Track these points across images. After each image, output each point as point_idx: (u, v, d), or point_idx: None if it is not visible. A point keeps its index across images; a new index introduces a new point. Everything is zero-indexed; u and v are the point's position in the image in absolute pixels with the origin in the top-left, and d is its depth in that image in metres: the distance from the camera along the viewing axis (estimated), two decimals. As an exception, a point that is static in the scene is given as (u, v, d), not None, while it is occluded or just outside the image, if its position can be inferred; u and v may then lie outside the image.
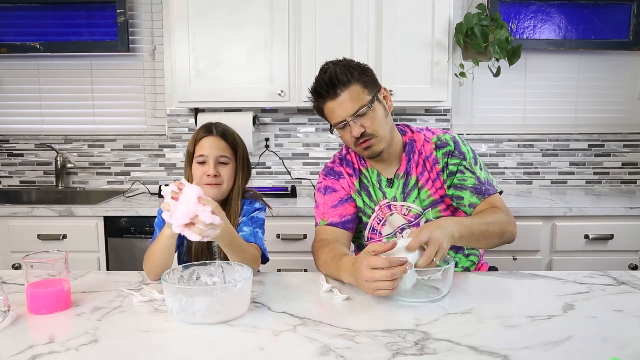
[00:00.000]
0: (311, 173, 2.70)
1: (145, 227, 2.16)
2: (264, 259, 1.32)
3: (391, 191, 1.41)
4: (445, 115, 2.68)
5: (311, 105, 1.38)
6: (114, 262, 2.19)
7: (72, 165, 2.72)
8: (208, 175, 1.33)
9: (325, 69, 1.32)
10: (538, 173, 2.73)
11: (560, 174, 2.74)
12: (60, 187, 2.67)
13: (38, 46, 2.62)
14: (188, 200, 1.01)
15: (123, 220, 2.17)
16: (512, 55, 2.30)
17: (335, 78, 1.28)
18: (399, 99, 2.25)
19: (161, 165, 2.73)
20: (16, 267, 2.14)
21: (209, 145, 1.35)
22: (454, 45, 2.30)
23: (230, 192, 1.38)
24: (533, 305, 1.04)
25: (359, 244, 1.52)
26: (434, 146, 1.40)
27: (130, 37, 2.62)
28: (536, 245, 2.14)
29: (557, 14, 2.64)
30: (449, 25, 2.27)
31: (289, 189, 2.44)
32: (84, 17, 2.66)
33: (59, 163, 2.66)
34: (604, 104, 2.71)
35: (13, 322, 0.96)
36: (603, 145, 2.73)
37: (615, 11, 2.64)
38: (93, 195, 2.56)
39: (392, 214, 1.41)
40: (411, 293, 1.06)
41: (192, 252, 1.36)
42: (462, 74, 2.36)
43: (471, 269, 1.45)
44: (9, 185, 2.76)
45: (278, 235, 2.14)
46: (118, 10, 2.57)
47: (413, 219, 1.40)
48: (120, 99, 2.72)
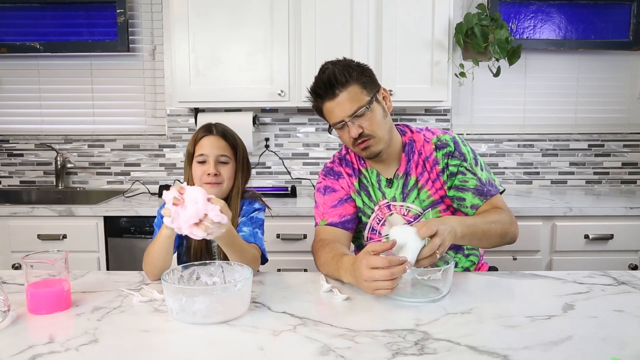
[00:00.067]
0: (311, 173, 2.70)
1: (145, 227, 2.16)
2: (264, 260, 1.32)
3: (390, 191, 1.41)
4: (445, 115, 2.68)
5: (311, 105, 1.39)
6: (114, 262, 2.19)
7: (72, 165, 2.72)
8: (208, 174, 1.33)
9: (324, 69, 1.32)
10: (538, 173, 2.73)
11: (560, 174, 2.74)
12: (60, 187, 2.68)
13: (38, 46, 2.62)
14: (195, 201, 1.01)
15: (123, 220, 2.17)
16: (512, 55, 2.30)
17: (333, 78, 1.28)
18: (399, 99, 2.25)
19: (161, 165, 2.73)
20: (16, 267, 2.15)
21: (209, 145, 1.36)
22: (454, 45, 2.30)
23: (230, 192, 1.38)
24: (533, 305, 1.04)
25: (358, 244, 1.53)
26: (433, 147, 1.40)
27: (130, 37, 2.62)
28: (536, 245, 2.14)
29: (557, 14, 2.64)
30: (449, 25, 2.27)
31: (289, 189, 2.44)
32: (84, 17, 2.66)
33: (59, 163, 2.66)
34: (604, 104, 2.71)
35: (13, 322, 0.96)
36: (603, 145, 2.73)
37: (615, 11, 2.64)
38: (93, 195, 2.56)
39: (392, 214, 1.41)
40: (411, 293, 1.06)
41: (192, 252, 1.35)
42: (462, 74, 2.36)
43: (471, 269, 1.45)
44: (9, 185, 2.76)
45: (278, 235, 2.14)
46: (118, 10, 2.57)
47: (412, 219, 1.40)
48: (120, 99, 2.72)
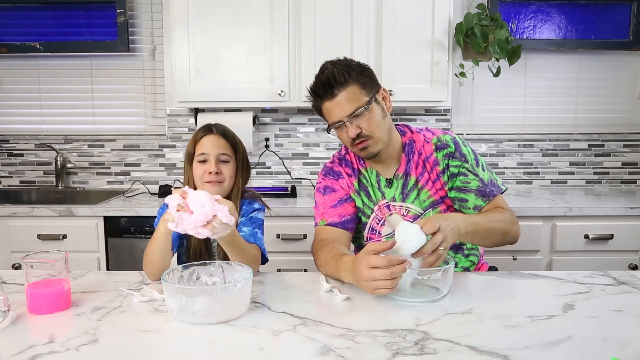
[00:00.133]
0: (311, 173, 2.70)
1: (145, 227, 2.16)
2: (263, 260, 1.32)
3: (390, 191, 1.41)
4: (445, 115, 2.68)
5: (311, 104, 1.39)
6: (114, 262, 2.19)
7: (72, 165, 2.72)
8: (210, 172, 1.33)
9: (324, 69, 1.32)
10: (538, 173, 2.73)
11: (560, 174, 2.74)
12: (60, 187, 2.67)
13: (38, 46, 2.62)
14: (202, 204, 1.01)
15: (123, 220, 2.17)
16: (512, 55, 2.30)
17: (332, 78, 1.28)
18: (399, 99, 2.25)
19: (161, 165, 2.73)
20: (16, 267, 2.14)
21: (210, 144, 1.36)
22: (454, 45, 2.30)
23: (230, 192, 1.38)
24: (533, 305, 1.04)
25: (358, 244, 1.52)
26: (434, 147, 1.39)
27: (130, 37, 2.62)
28: (536, 245, 2.14)
29: (557, 14, 2.64)
30: (449, 25, 2.27)
31: (289, 189, 2.44)
32: (84, 17, 2.66)
33: (59, 163, 2.66)
34: (604, 104, 2.71)
35: (13, 322, 0.96)
36: (603, 145, 2.73)
37: (615, 11, 2.64)
38: (93, 195, 2.56)
39: (391, 214, 1.41)
40: (411, 293, 1.06)
41: (192, 252, 1.35)
42: (462, 74, 2.36)
43: (471, 269, 1.45)
44: (9, 185, 2.76)
45: (278, 235, 2.14)
46: (118, 10, 2.57)
47: (412, 220, 1.40)
48: (120, 99, 2.72)
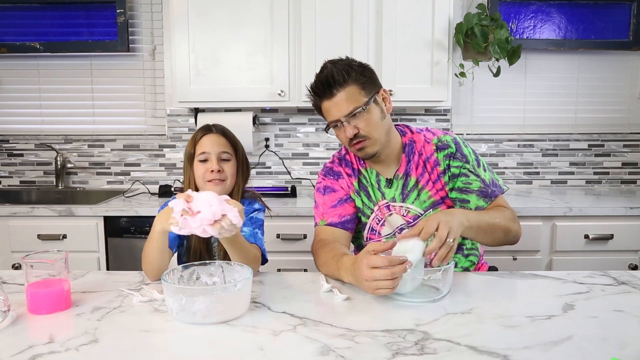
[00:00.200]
0: (311, 173, 2.70)
1: (145, 227, 2.16)
2: (263, 260, 1.31)
3: (390, 192, 1.41)
4: (445, 115, 2.68)
5: (311, 103, 1.39)
6: (114, 262, 2.19)
7: (72, 165, 2.72)
8: (212, 171, 1.32)
9: (324, 68, 1.32)
10: (538, 173, 2.73)
11: (560, 174, 2.74)
12: (60, 187, 2.67)
13: (38, 46, 2.62)
14: (210, 204, 1.01)
15: (123, 220, 2.17)
16: (512, 55, 2.30)
17: (331, 78, 1.28)
18: (399, 99, 2.25)
19: (161, 165, 2.73)
20: (16, 267, 2.14)
21: (210, 143, 1.36)
22: (454, 45, 2.30)
23: (231, 192, 1.38)
24: (533, 305, 1.04)
25: (358, 244, 1.52)
26: (434, 147, 1.39)
27: (130, 37, 2.62)
28: (536, 245, 2.14)
29: (557, 14, 2.64)
30: (449, 25, 2.27)
31: (289, 189, 2.44)
32: (84, 17, 2.66)
33: (59, 163, 2.66)
34: (604, 104, 2.71)
35: (13, 322, 0.96)
36: (603, 145, 2.73)
37: (615, 11, 2.64)
38: (93, 195, 2.56)
39: (391, 214, 1.41)
40: (411, 293, 1.06)
41: (192, 252, 1.35)
42: (462, 74, 2.36)
43: (471, 269, 1.45)
44: (9, 185, 2.76)
45: (278, 235, 2.14)
46: (118, 10, 2.57)
47: (412, 220, 1.40)
48: (120, 99, 2.72)
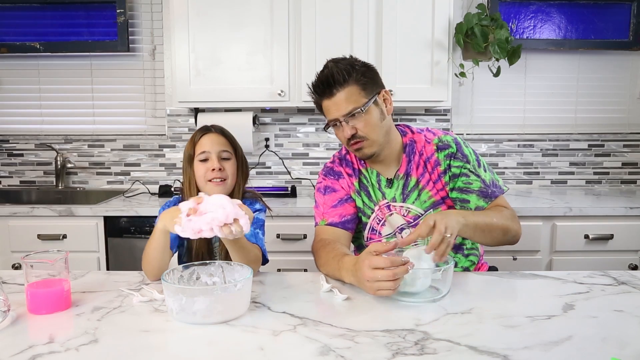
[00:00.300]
0: (311, 173, 2.70)
1: (145, 227, 2.16)
2: (264, 260, 1.31)
3: (390, 192, 1.41)
4: (445, 115, 2.68)
5: (312, 102, 1.39)
6: (114, 262, 2.19)
7: (72, 165, 2.72)
8: (213, 169, 1.32)
9: (325, 66, 1.33)
10: (538, 173, 2.73)
11: (560, 174, 2.74)
12: (60, 187, 2.67)
13: (38, 46, 2.62)
14: (223, 206, 1.01)
15: (123, 220, 2.17)
16: (512, 55, 2.30)
17: (331, 78, 1.29)
18: (399, 99, 2.25)
19: (161, 165, 2.73)
20: (16, 267, 2.14)
21: (210, 142, 1.36)
22: (454, 45, 2.30)
23: (232, 191, 1.38)
24: (533, 305, 1.04)
25: (358, 244, 1.52)
26: (435, 147, 1.39)
27: (130, 37, 2.62)
28: (536, 245, 2.14)
29: (557, 14, 2.64)
30: (449, 25, 2.27)
31: (289, 189, 2.44)
32: (84, 17, 2.66)
33: (59, 163, 2.66)
34: (604, 104, 2.71)
35: (13, 322, 0.96)
36: (603, 145, 2.73)
37: (615, 11, 2.64)
38: (93, 195, 2.55)
39: (392, 214, 1.41)
40: (411, 293, 1.06)
41: (192, 253, 1.35)
42: (462, 74, 2.36)
43: (471, 269, 1.45)
44: (9, 185, 2.76)
45: (278, 235, 2.14)
46: (118, 10, 2.57)
47: (412, 220, 1.40)
48: (120, 99, 2.72)
